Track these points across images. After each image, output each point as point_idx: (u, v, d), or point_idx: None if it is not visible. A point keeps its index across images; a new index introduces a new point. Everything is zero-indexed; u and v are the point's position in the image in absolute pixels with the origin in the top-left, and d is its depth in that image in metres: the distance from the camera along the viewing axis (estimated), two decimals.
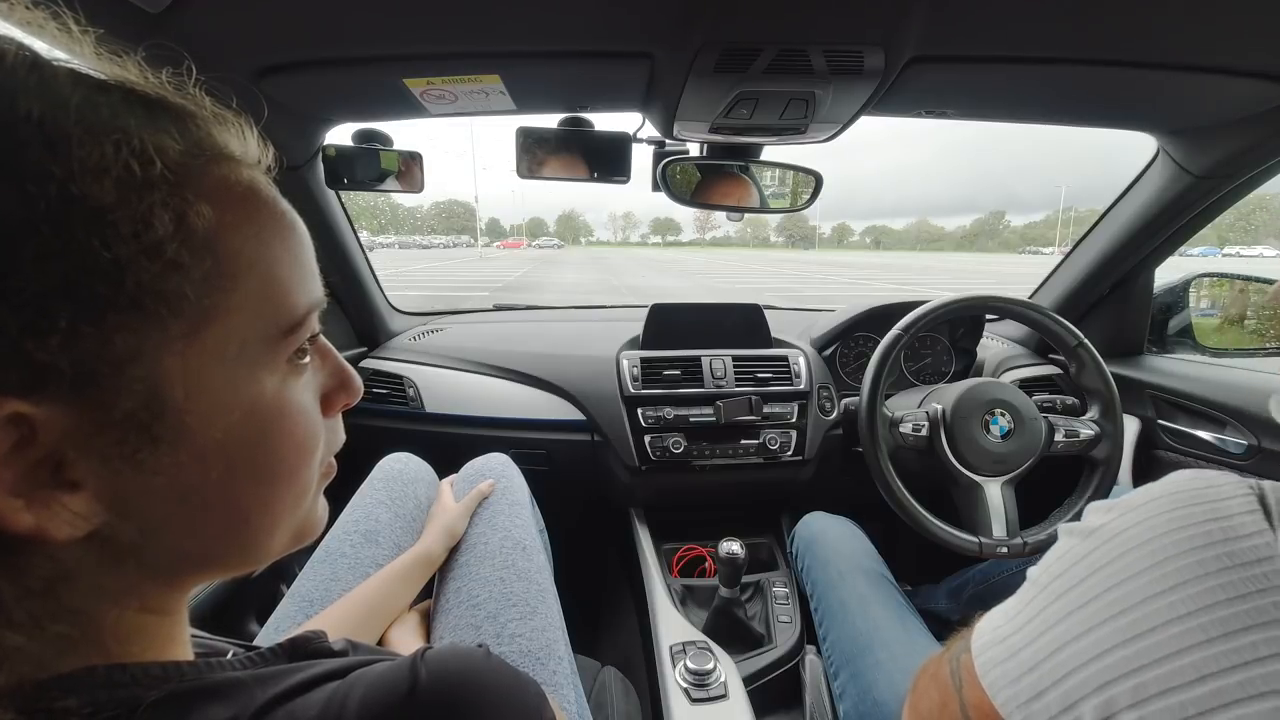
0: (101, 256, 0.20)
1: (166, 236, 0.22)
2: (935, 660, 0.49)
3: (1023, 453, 0.88)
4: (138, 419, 0.22)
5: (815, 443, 1.17)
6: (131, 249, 0.21)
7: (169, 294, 0.22)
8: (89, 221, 0.20)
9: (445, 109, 0.86)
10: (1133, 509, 0.34)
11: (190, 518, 0.25)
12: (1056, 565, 0.37)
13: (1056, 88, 0.82)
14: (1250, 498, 0.31)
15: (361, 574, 0.69)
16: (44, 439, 0.20)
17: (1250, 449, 1.00)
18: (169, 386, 0.23)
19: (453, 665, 0.29)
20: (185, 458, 0.24)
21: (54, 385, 0.20)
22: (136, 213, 0.21)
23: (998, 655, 0.37)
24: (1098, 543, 0.35)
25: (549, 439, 1.21)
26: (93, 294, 0.20)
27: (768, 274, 22.85)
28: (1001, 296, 0.94)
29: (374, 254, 1.49)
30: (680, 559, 1.16)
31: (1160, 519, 0.32)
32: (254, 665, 0.29)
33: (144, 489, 0.23)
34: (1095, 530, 0.35)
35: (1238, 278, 1.34)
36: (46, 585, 0.22)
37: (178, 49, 0.29)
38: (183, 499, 0.24)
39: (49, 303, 0.20)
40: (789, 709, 0.89)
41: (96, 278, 0.20)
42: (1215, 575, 0.29)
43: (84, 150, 0.20)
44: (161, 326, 0.22)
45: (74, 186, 0.20)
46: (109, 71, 0.24)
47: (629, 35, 0.67)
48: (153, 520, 0.24)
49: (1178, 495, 0.33)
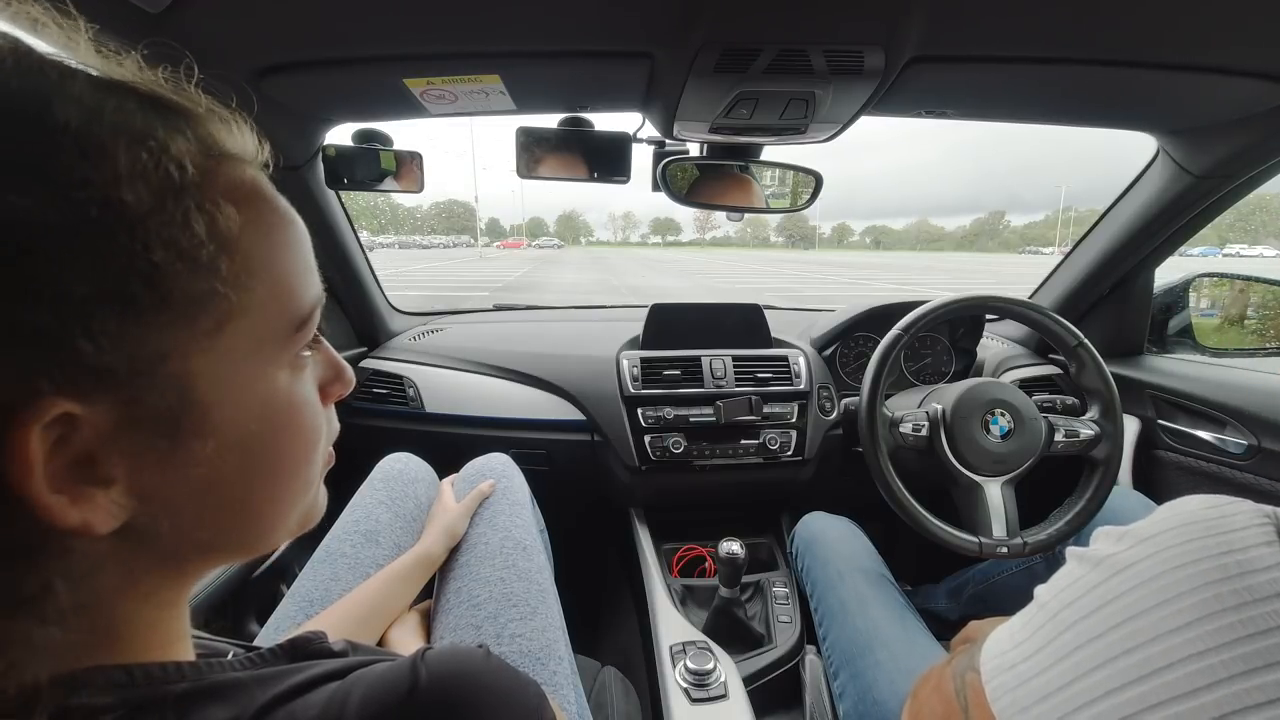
0: (144, 260, 0.21)
1: (201, 239, 0.23)
2: (937, 671, 0.49)
3: (1023, 453, 0.88)
4: (168, 415, 0.23)
5: (815, 443, 1.17)
6: (170, 252, 0.22)
7: (200, 294, 0.23)
8: (131, 227, 0.21)
9: (445, 109, 0.86)
10: (1144, 539, 0.33)
11: (208, 509, 0.26)
12: (1066, 593, 0.36)
13: (1056, 88, 0.82)
14: (1267, 528, 0.30)
15: (362, 574, 0.69)
16: (84, 436, 0.21)
17: (1250, 449, 1.00)
18: (196, 383, 0.24)
19: (453, 665, 0.29)
20: (208, 451, 0.25)
21: (99, 385, 0.21)
22: (173, 217, 0.22)
23: (1008, 682, 0.37)
24: (1108, 573, 0.34)
25: (549, 439, 1.21)
26: (135, 296, 0.21)
27: (767, 274, 22.85)
28: (1001, 296, 0.94)
29: (374, 254, 1.49)
30: (680, 559, 1.16)
31: (1172, 552, 0.31)
32: (254, 666, 0.29)
33: (169, 482, 0.24)
34: (1105, 559, 0.35)
35: (1238, 278, 1.34)
36: (80, 578, 0.23)
37: (178, 49, 0.29)
38: (203, 491, 0.25)
39: (96, 307, 0.20)
40: (789, 709, 0.89)
41: (139, 281, 0.21)
42: (1233, 611, 0.28)
43: (122, 158, 0.21)
44: (192, 326, 0.23)
45: (115, 193, 0.21)
46: (121, 73, 0.25)
47: (629, 35, 0.67)
48: (174, 512, 0.25)
49: (1191, 526, 0.32)
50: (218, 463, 0.25)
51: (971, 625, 0.80)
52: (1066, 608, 0.35)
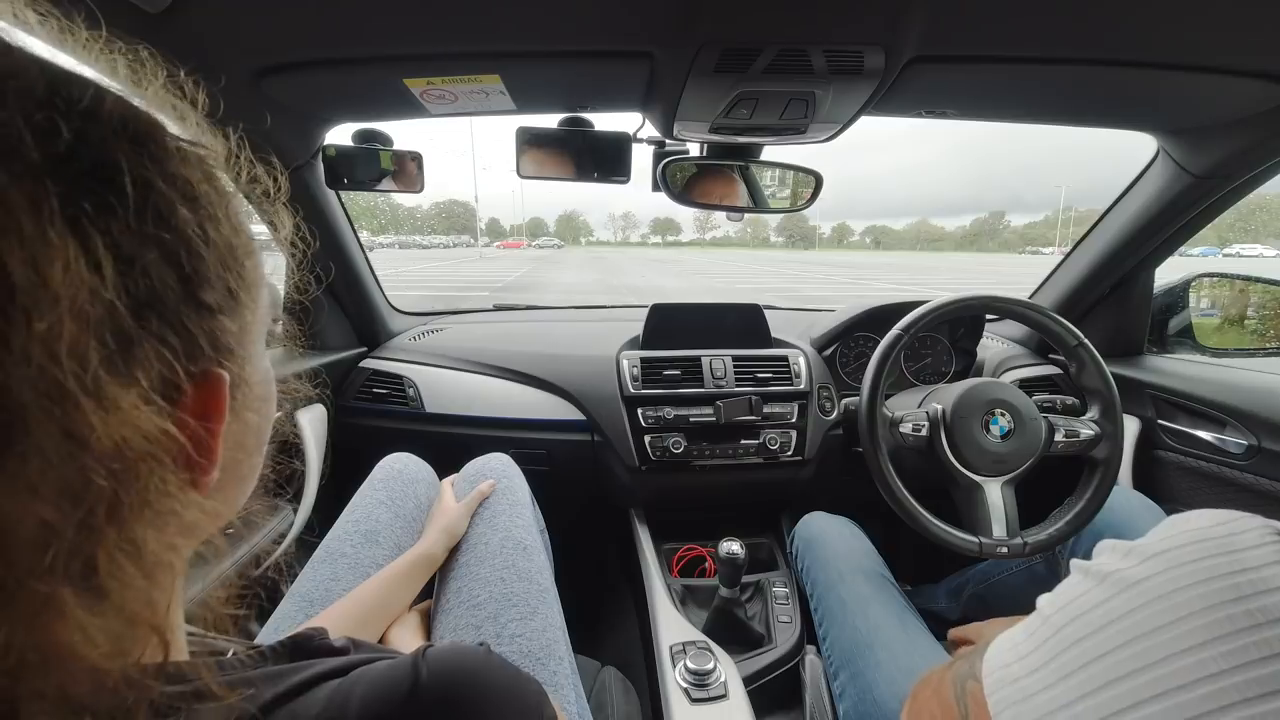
0: (242, 265, 0.28)
1: (252, 244, 0.29)
2: (937, 675, 0.48)
3: (1023, 453, 0.88)
4: (240, 379, 0.28)
5: (815, 443, 1.17)
6: (248, 256, 0.29)
7: (254, 285, 0.29)
8: (230, 247, 0.27)
9: (445, 109, 0.86)
10: (1152, 555, 0.33)
11: (233, 475, 0.30)
12: (1072, 607, 0.36)
13: (1056, 88, 0.82)
14: (1278, 546, 0.29)
15: (362, 574, 0.69)
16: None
17: (1250, 449, 1.00)
18: (250, 354, 0.29)
19: (454, 663, 0.29)
20: (249, 416, 0.30)
21: (229, 354, 0.27)
22: (239, 226, 0.28)
23: (1010, 695, 0.37)
24: (1115, 590, 0.33)
25: (549, 439, 1.21)
26: (233, 287, 0.27)
27: (767, 274, 22.85)
28: (1001, 296, 0.94)
29: (374, 254, 1.49)
30: (680, 559, 1.17)
31: (1183, 570, 0.31)
32: (255, 664, 0.29)
33: (226, 443, 0.27)
34: (1111, 575, 0.34)
35: (1238, 278, 1.34)
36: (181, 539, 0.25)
37: (178, 49, 0.29)
38: (236, 457, 0.29)
39: (228, 297, 0.26)
40: (789, 709, 0.89)
41: (236, 278, 0.27)
42: (1247, 633, 0.28)
43: (210, 204, 0.26)
44: (254, 309, 0.29)
45: (212, 228, 0.26)
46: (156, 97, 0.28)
47: (629, 35, 0.67)
48: (222, 475, 0.27)
49: (1202, 544, 0.31)
50: (241, 429, 0.29)
51: (971, 626, 0.80)
52: (1072, 622, 0.35)
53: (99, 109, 0.22)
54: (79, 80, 0.22)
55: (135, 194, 0.22)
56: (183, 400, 0.24)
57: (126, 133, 0.23)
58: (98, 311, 0.20)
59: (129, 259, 0.21)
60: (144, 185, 0.22)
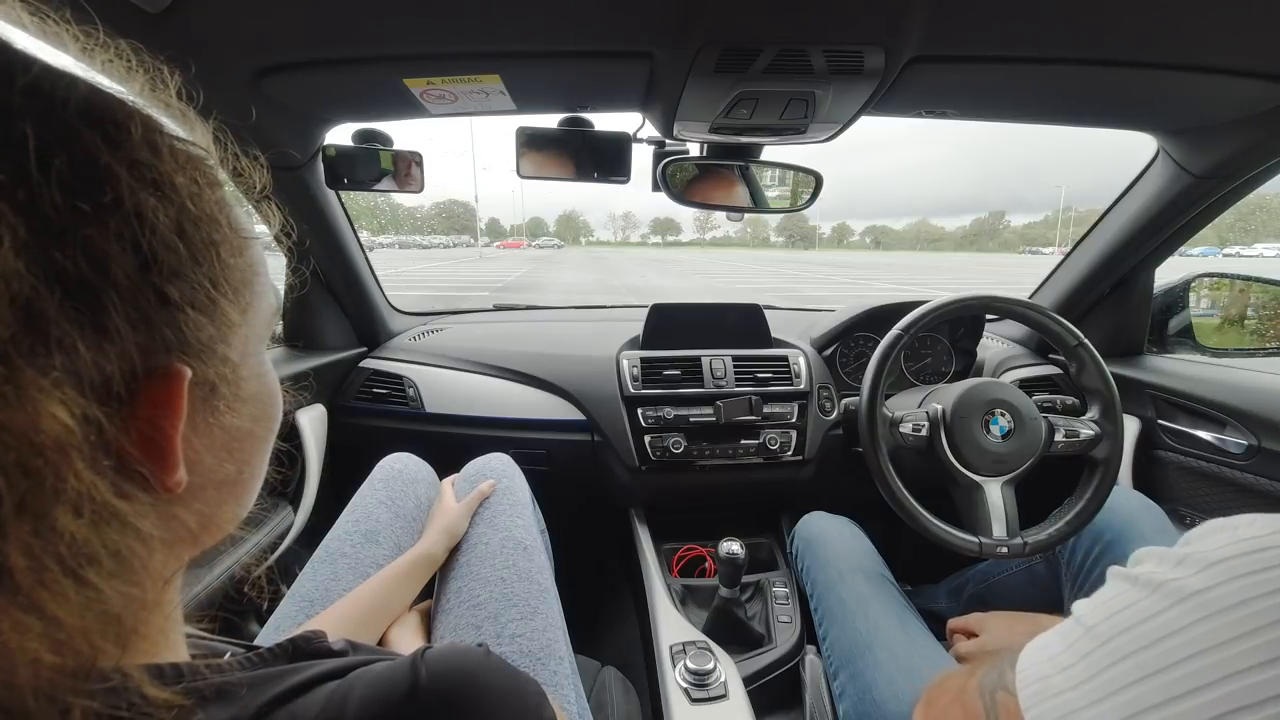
0: (225, 262, 0.27)
1: (242, 242, 0.29)
2: (958, 682, 0.47)
3: (1023, 453, 0.88)
4: (220, 380, 0.27)
5: (815, 443, 1.17)
6: (234, 255, 0.28)
7: (242, 284, 0.29)
8: (211, 243, 0.26)
9: (445, 109, 0.86)
10: (1213, 564, 0.31)
11: (221, 480, 0.29)
12: (1120, 618, 0.33)
13: (1056, 88, 0.82)
14: None
15: (362, 574, 0.69)
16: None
17: (1250, 449, 1.00)
18: (234, 355, 0.28)
19: (453, 664, 0.29)
20: (232, 419, 0.28)
21: (201, 351, 0.26)
22: (234, 223, 0.28)
23: (1051, 711, 0.35)
24: (1171, 600, 0.31)
25: (549, 439, 1.21)
26: (218, 285, 0.26)
27: (767, 274, 22.85)
28: (1001, 296, 0.94)
29: (374, 254, 1.49)
30: (680, 559, 1.17)
31: (1251, 580, 0.29)
32: (253, 666, 0.29)
33: (202, 446, 0.27)
34: (1164, 585, 0.32)
35: (1238, 278, 1.34)
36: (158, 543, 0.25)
37: (178, 49, 0.29)
38: (225, 448, 0.29)
39: (213, 293, 0.26)
40: (789, 709, 0.89)
41: (216, 274, 0.27)
42: None
43: (187, 196, 0.26)
44: (241, 308, 0.28)
45: (187, 221, 0.25)
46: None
47: (629, 35, 0.67)
48: (200, 479, 0.27)
49: (1267, 553, 0.30)
50: (236, 429, 0.29)
51: (972, 617, 0.79)
52: (1120, 634, 0.33)
53: (41, 84, 0.21)
54: (21, 56, 0.22)
55: (69, 169, 0.21)
56: (132, 395, 0.23)
57: (74, 109, 0.22)
58: (3, 287, 0.19)
59: (57, 233, 0.20)
60: (86, 163, 0.22)
